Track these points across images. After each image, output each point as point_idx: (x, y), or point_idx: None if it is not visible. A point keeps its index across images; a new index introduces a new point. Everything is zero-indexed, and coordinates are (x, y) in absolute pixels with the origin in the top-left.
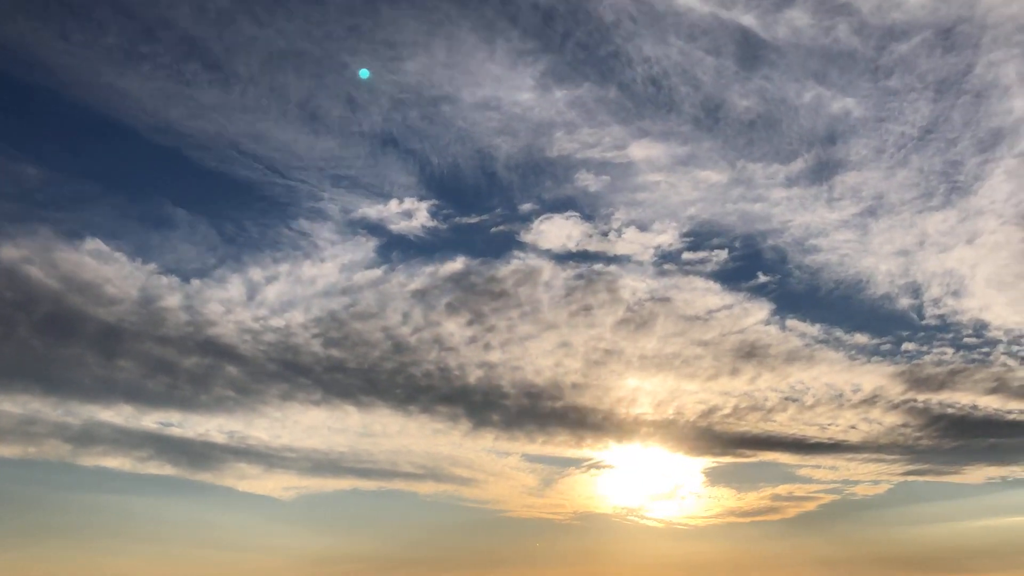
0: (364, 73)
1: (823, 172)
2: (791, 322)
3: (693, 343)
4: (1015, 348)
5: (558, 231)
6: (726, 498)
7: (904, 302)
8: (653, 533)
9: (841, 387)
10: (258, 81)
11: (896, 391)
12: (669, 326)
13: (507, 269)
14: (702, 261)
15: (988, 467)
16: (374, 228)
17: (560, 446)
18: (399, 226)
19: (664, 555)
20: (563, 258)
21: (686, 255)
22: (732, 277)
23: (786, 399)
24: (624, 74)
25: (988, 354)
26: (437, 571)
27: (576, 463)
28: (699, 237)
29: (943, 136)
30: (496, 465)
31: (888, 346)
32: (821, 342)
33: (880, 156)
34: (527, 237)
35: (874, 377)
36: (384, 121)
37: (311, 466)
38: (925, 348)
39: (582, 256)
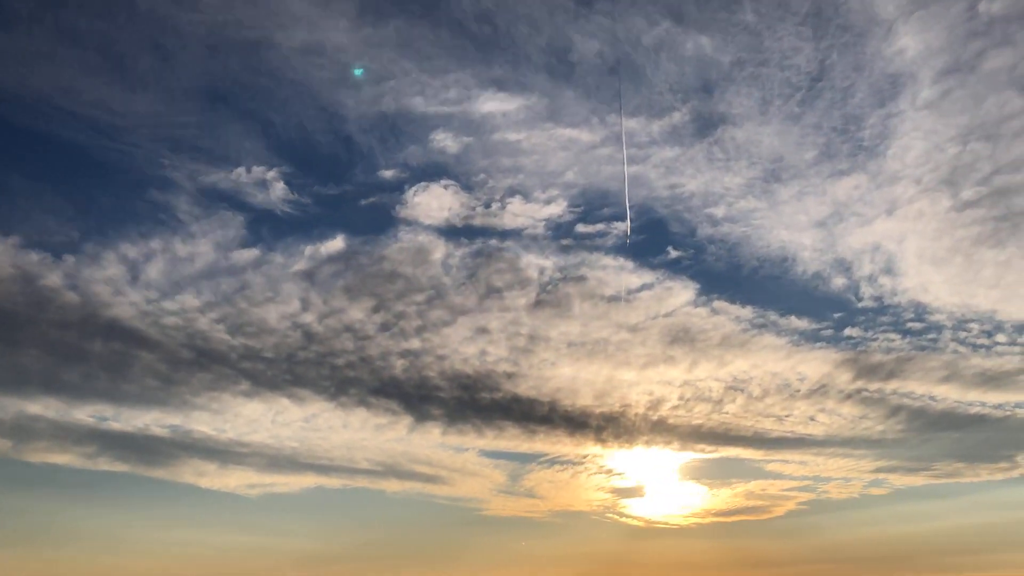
0: (359, 71)
1: (705, 128)
2: (719, 303)
3: (619, 328)
4: (962, 334)
5: (437, 203)
6: (701, 496)
7: (838, 282)
8: (636, 532)
9: (786, 376)
10: (41, 19)
11: (844, 379)
12: (588, 308)
13: (395, 247)
14: (600, 235)
15: (958, 464)
16: (232, 200)
17: (514, 440)
18: (259, 199)
19: (654, 555)
20: (451, 234)
21: (581, 228)
22: (639, 252)
23: (731, 388)
24: (449, 6)
25: (936, 340)
26: (425, 570)
27: (535, 458)
28: (588, 207)
29: (834, 85)
30: (455, 461)
31: (829, 331)
32: (758, 326)
33: (767, 109)
34: (405, 212)
35: (819, 364)
36: (205, 74)
37: (267, 462)
38: (870, 334)
39: (470, 231)
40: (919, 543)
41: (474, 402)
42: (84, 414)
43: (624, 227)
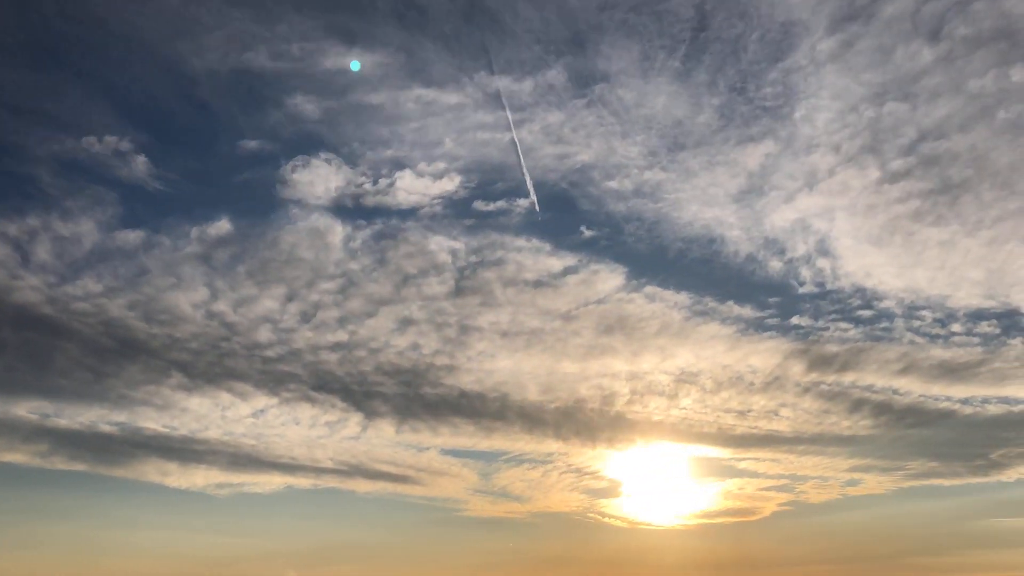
0: (355, 65)
1: (584, 86)
2: (652, 289)
3: (551, 316)
4: (915, 323)
5: (321, 180)
6: (680, 495)
7: (774, 266)
8: (622, 534)
9: (737, 368)
10: None
11: (797, 371)
12: (513, 295)
13: (289, 230)
14: (503, 213)
15: (932, 463)
16: (94, 174)
17: (472, 438)
18: (123, 173)
19: (648, 556)
20: (345, 214)
21: (480, 205)
22: (551, 232)
23: (681, 381)
24: None
25: (889, 330)
26: (422, 573)
27: (498, 457)
28: (482, 181)
29: (720, 35)
30: (419, 461)
31: (774, 319)
32: (699, 314)
33: (650, 64)
34: (289, 191)
35: (770, 356)
36: (18, 26)
37: (228, 460)
38: (819, 323)
39: (364, 212)
40: (902, 544)
41: (420, 398)
42: (23, 410)
43: (526, 204)
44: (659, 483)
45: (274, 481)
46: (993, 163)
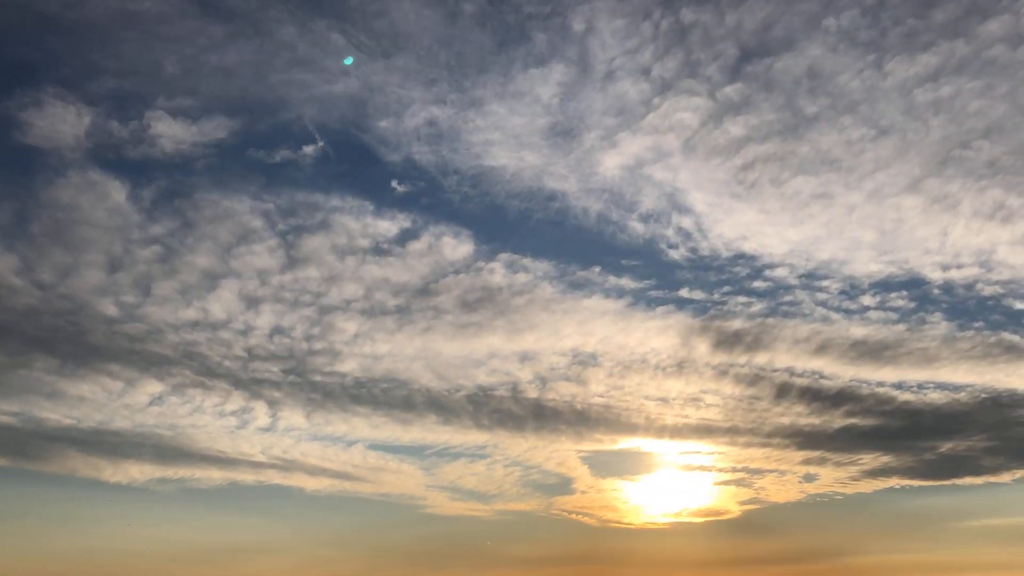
0: (348, 60)
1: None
2: (507, 257)
3: (408, 291)
4: (821, 295)
5: (64, 124)
6: (637, 492)
7: (635, 227)
8: (597, 532)
9: (638, 348)
10: None
11: (703, 351)
12: (353, 266)
13: (59, 189)
14: (290, 163)
15: (885, 456)
16: None
17: (392, 431)
18: None
19: (632, 555)
20: (113, 168)
21: (255, 153)
22: (360, 187)
23: (582, 364)
24: None
25: (795, 304)
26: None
27: (426, 450)
28: (246, 122)
29: None
30: (353, 456)
31: (659, 292)
32: (575, 286)
33: None
34: (29, 137)
35: (669, 335)
36: None
37: (154, 454)
38: (716, 296)
39: (133, 166)
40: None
41: (316, 386)
42: None
43: (313, 152)
44: (610, 478)
45: (214, 476)
46: (845, 89)
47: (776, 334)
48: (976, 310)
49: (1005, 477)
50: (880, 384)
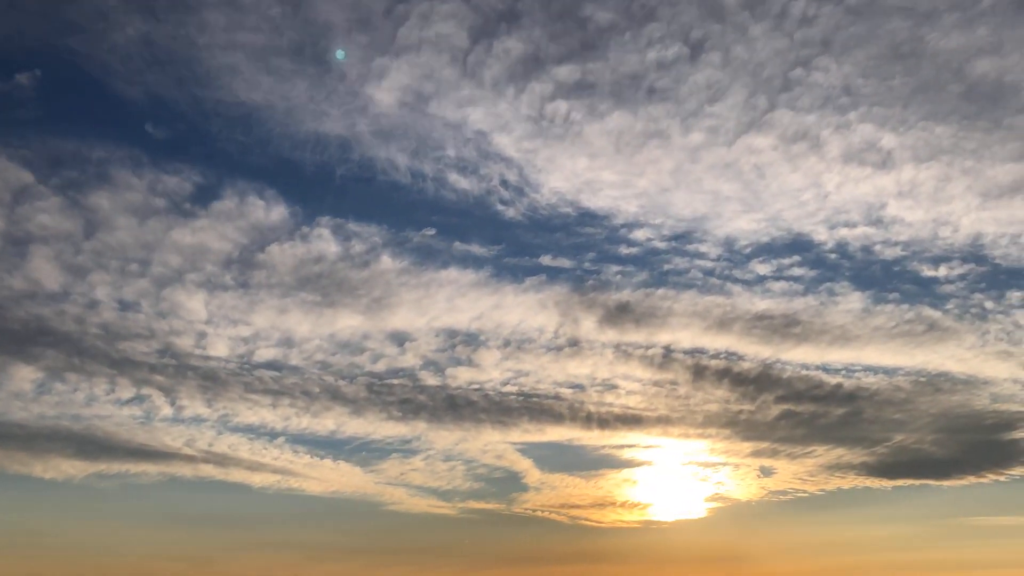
0: (340, 54)
1: None
2: (330, 221)
3: (235, 263)
4: (700, 261)
5: None
6: (586, 489)
7: (458, 182)
8: (570, 531)
9: (516, 326)
10: None
11: (590, 328)
12: (159, 231)
13: None
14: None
15: (839, 449)
16: None
17: (305, 421)
18: None
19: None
20: None
21: None
22: (114, 132)
23: (466, 345)
24: None
25: (679, 273)
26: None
27: (346, 444)
28: None
29: None
30: (284, 452)
31: (515, 260)
32: (424, 255)
33: None
34: None
35: (547, 310)
36: None
37: (75, 447)
38: (587, 265)
39: None
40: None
41: (195, 371)
42: None
43: (28, 81)
44: (558, 473)
45: (151, 471)
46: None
47: (667, 307)
48: (884, 278)
49: (967, 480)
50: (805, 367)
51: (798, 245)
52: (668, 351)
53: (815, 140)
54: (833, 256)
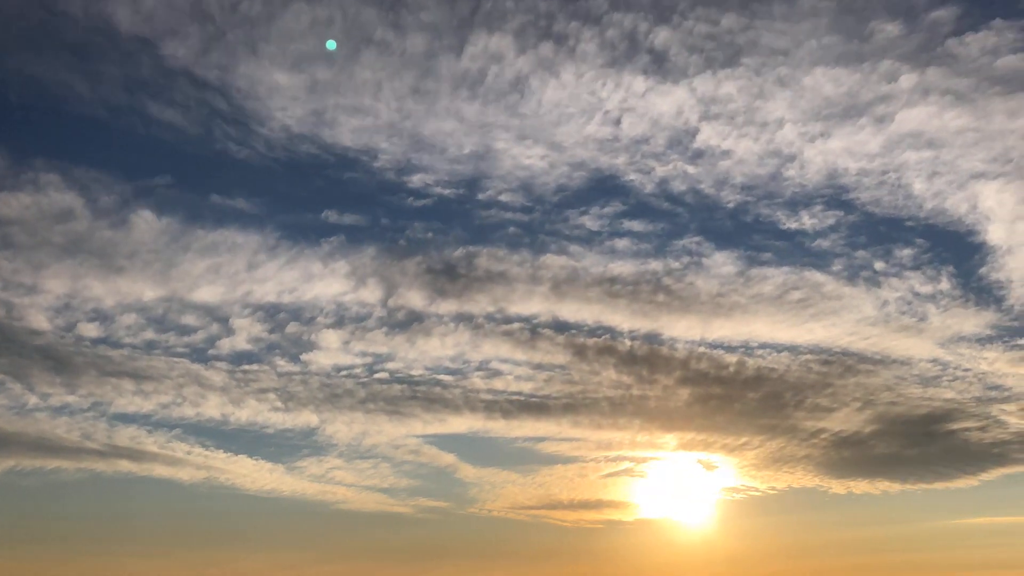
0: (331, 44)
1: None
2: (50, 174)
3: None
4: (510, 214)
5: None
6: (520, 484)
7: (169, 117)
8: (536, 529)
9: (334, 298)
10: None
11: (421, 299)
12: None
13: None
14: None
15: (777, 440)
16: None
17: (173, 410)
18: None
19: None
20: None
21: None
22: None
23: (292, 321)
24: None
25: (498, 227)
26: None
27: (241, 437)
28: None
29: None
30: (172, 443)
31: (289, 217)
32: (188, 213)
33: None
34: None
35: (361, 280)
36: None
37: None
38: (384, 222)
39: None
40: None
41: (30, 349)
42: None
43: None
44: (491, 468)
45: (67, 467)
46: None
47: (503, 271)
48: (738, 232)
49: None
50: (694, 343)
51: (612, 189)
52: (532, 327)
53: (563, 37)
54: (662, 204)
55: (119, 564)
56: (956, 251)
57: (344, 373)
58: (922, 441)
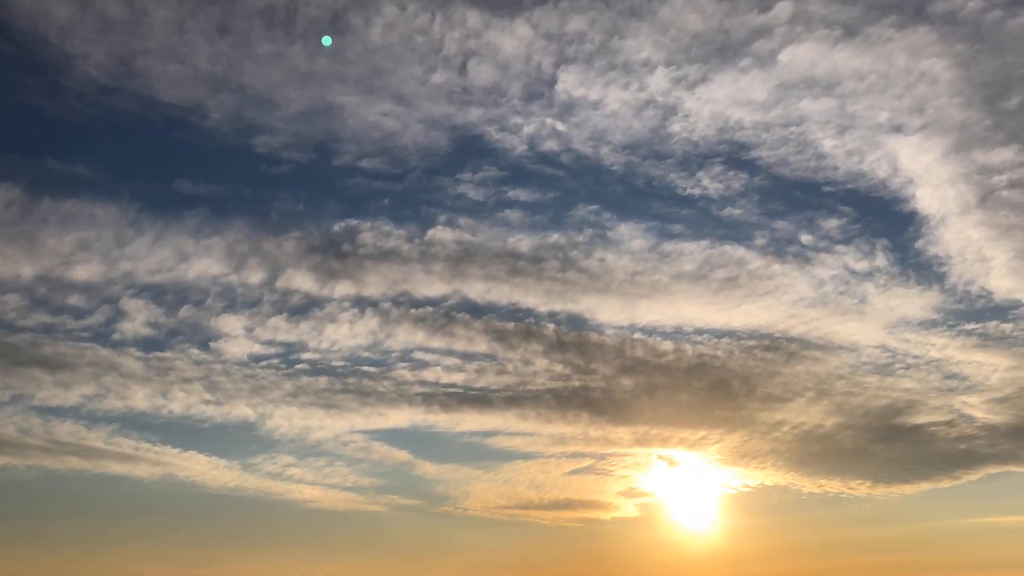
0: (327, 40)
1: None
2: None
3: None
4: (405, 183)
5: None
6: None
7: None
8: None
9: (215, 278)
10: None
11: (309, 280)
12: None
13: None
14: None
15: (737, 433)
16: None
17: (88, 398)
18: None
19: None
20: None
21: None
22: None
23: (188, 305)
24: None
25: (402, 196)
26: None
27: (174, 428)
28: None
29: None
30: (121, 439)
31: (137, 185)
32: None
33: None
34: None
35: (248, 261)
36: None
37: None
38: (248, 192)
39: None
40: None
41: None
42: None
43: None
44: (449, 464)
45: (18, 464)
46: None
47: (391, 248)
48: (632, 198)
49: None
50: (623, 328)
51: (479, 152)
52: (444, 311)
53: None
54: (542, 169)
55: (89, 562)
56: (887, 222)
57: (263, 364)
58: (888, 435)
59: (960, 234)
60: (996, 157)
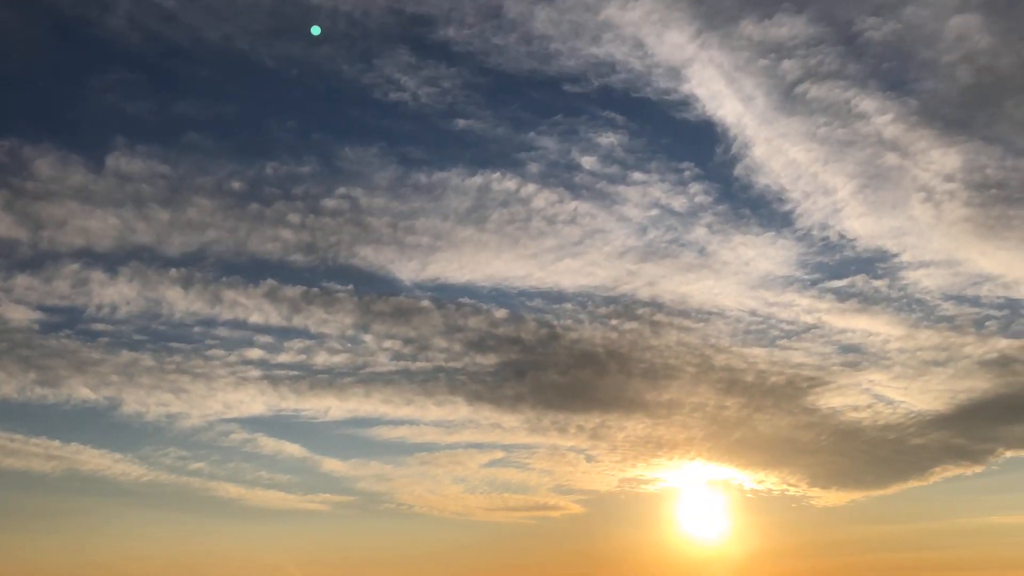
0: (316, 30)
1: None
2: None
3: None
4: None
5: None
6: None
7: None
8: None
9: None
10: None
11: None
12: None
13: None
14: None
15: (644, 421)
16: None
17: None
18: None
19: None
20: None
21: None
22: None
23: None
24: None
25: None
26: None
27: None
28: None
29: None
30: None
31: None
32: None
33: None
34: None
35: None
36: None
37: None
38: None
39: None
40: None
41: None
42: None
43: None
44: (366, 459)
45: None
46: None
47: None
48: (312, 103)
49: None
50: (433, 287)
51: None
52: (213, 272)
53: None
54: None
55: None
56: (674, 136)
57: (59, 334)
58: (808, 424)
59: (780, 154)
60: (779, 30)
